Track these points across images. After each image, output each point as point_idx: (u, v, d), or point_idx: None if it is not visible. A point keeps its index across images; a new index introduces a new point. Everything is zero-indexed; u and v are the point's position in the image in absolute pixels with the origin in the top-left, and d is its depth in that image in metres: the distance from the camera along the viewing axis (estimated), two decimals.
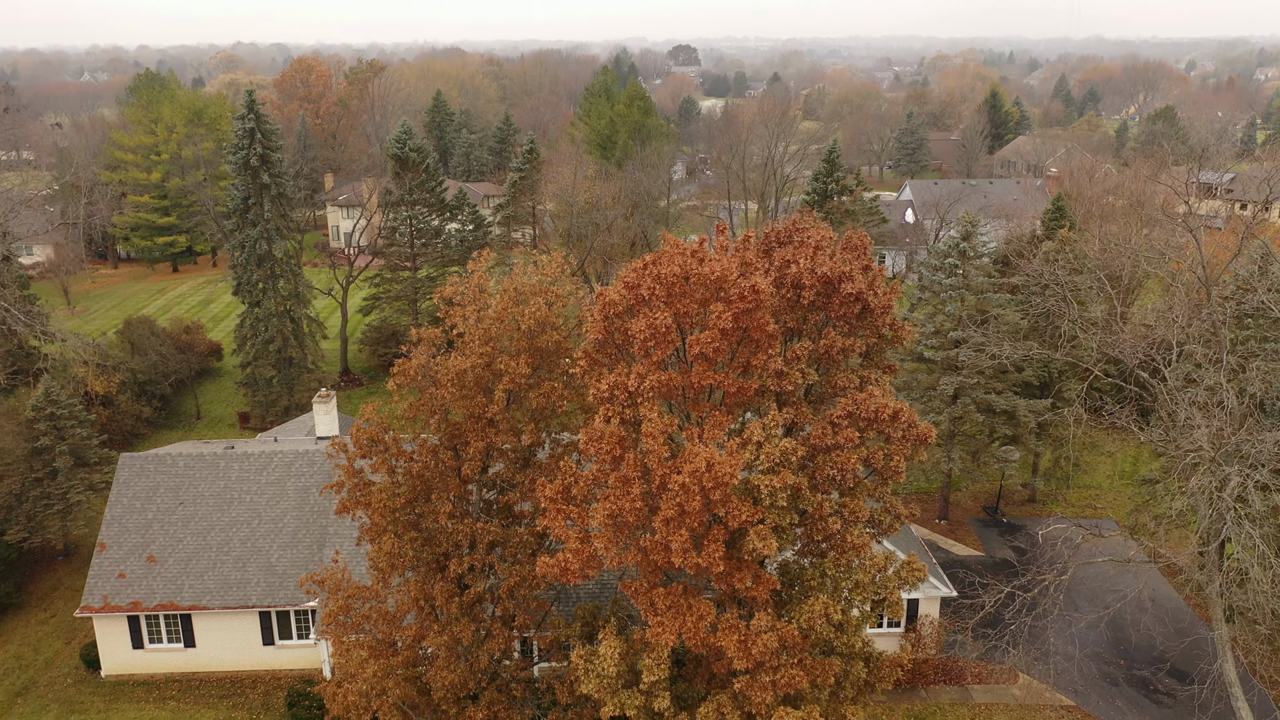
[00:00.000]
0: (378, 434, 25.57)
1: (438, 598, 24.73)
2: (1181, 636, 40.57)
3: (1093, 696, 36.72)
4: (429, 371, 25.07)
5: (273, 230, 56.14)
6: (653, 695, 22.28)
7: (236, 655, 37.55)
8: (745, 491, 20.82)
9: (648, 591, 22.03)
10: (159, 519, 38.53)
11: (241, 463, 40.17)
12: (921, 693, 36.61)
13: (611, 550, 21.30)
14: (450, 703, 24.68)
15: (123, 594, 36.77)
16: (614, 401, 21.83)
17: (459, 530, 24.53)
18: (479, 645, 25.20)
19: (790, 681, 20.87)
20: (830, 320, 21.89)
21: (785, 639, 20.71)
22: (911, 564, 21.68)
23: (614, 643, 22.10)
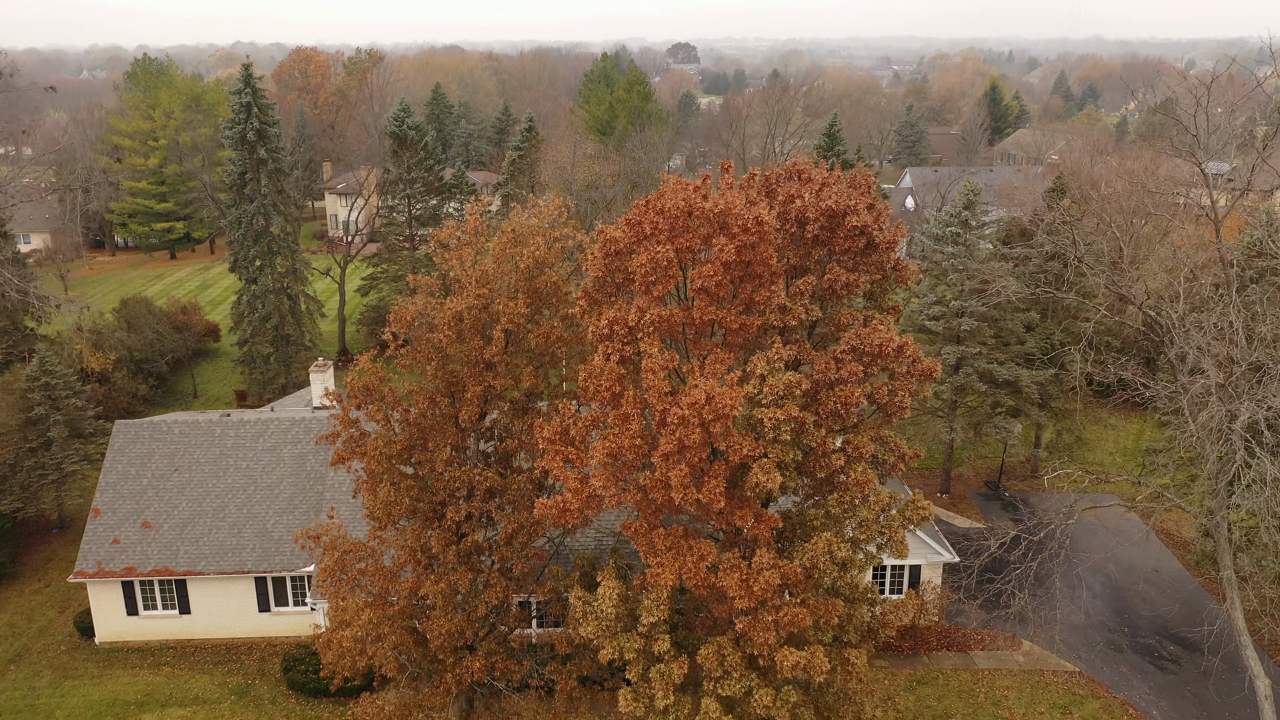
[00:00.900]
0: (373, 383, 25.19)
1: (434, 546, 24.35)
2: (1186, 606, 40.22)
3: (1097, 662, 36.37)
4: (426, 317, 24.71)
5: (270, 206, 55.76)
6: (652, 638, 21.90)
7: (232, 622, 37.16)
8: (748, 426, 20.47)
9: (647, 533, 21.67)
10: (154, 485, 38.14)
11: (237, 429, 39.80)
12: (924, 658, 36.25)
13: (610, 489, 20.93)
14: (447, 652, 24.30)
15: (117, 559, 36.39)
16: (613, 338, 21.47)
17: (456, 478, 24.16)
18: (477, 595, 24.83)
19: (793, 620, 20.49)
20: (834, 255, 21.53)
21: (788, 577, 20.33)
22: (916, 502, 21.32)
23: (612, 584, 21.72)
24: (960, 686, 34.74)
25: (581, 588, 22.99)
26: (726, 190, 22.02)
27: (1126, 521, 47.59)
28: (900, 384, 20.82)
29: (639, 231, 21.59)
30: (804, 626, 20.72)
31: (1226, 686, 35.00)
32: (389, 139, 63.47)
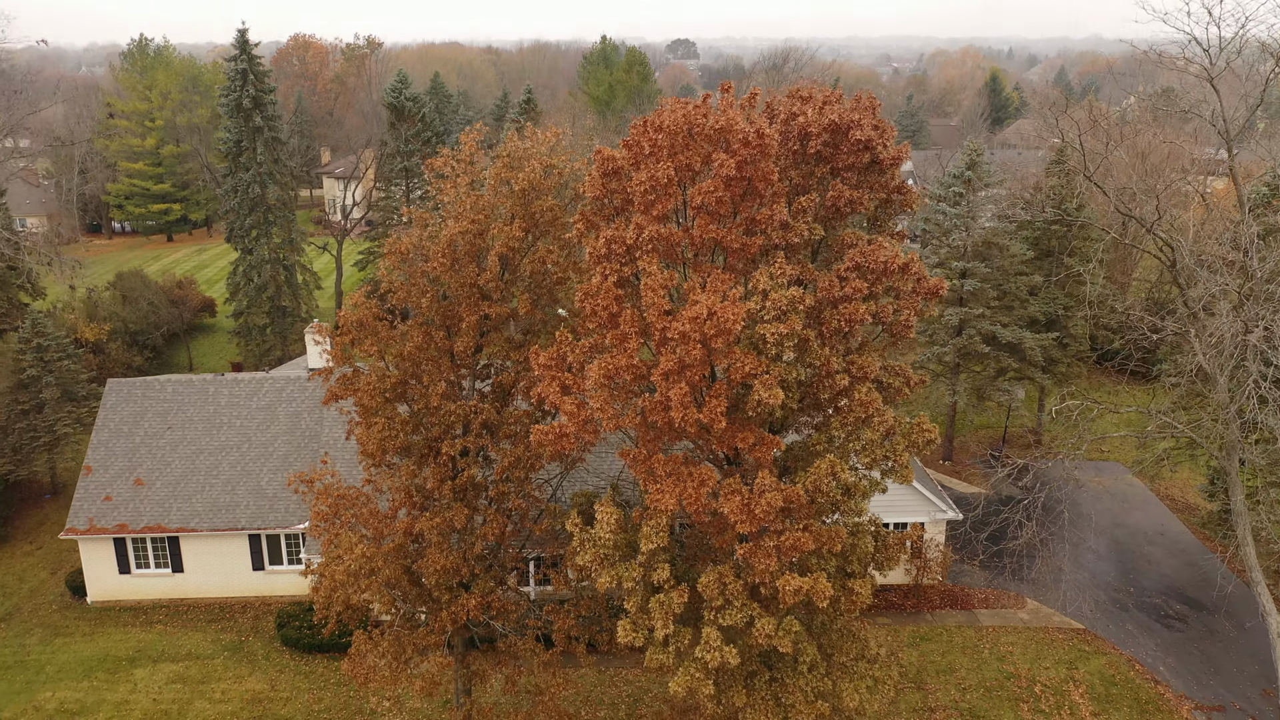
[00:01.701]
0: (367, 317, 24.66)
1: (429, 481, 23.84)
2: (1192, 568, 39.75)
3: (1102, 620, 35.88)
4: (421, 250, 24.20)
5: (266, 175, 55.23)
6: (651, 567, 21.37)
7: (225, 581, 36.66)
8: (749, 345, 19.96)
9: (646, 459, 21.13)
10: (146, 443, 37.64)
11: (231, 388, 39.30)
12: (927, 616, 35.77)
13: (608, 411, 20.39)
14: (442, 590, 23.79)
15: (109, 516, 35.87)
16: (611, 258, 20.94)
17: (452, 411, 23.63)
18: (473, 532, 24.33)
19: (796, 545, 19.96)
20: (837, 172, 21.02)
21: (790, 500, 19.80)
22: (921, 424, 20.81)
23: (610, 509, 21.20)
24: (964, 642, 34.25)
25: (580, 524, 22.46)
26: (727, 109, 21.49)
27: (1131, 487, 47.16)
28: (906, 303, 20.32)
29: (638, 151, 21.06)
30: (807, 552, 20.20)
31: (1234, 645, 34.52)
32: (386, 110, 62.92)
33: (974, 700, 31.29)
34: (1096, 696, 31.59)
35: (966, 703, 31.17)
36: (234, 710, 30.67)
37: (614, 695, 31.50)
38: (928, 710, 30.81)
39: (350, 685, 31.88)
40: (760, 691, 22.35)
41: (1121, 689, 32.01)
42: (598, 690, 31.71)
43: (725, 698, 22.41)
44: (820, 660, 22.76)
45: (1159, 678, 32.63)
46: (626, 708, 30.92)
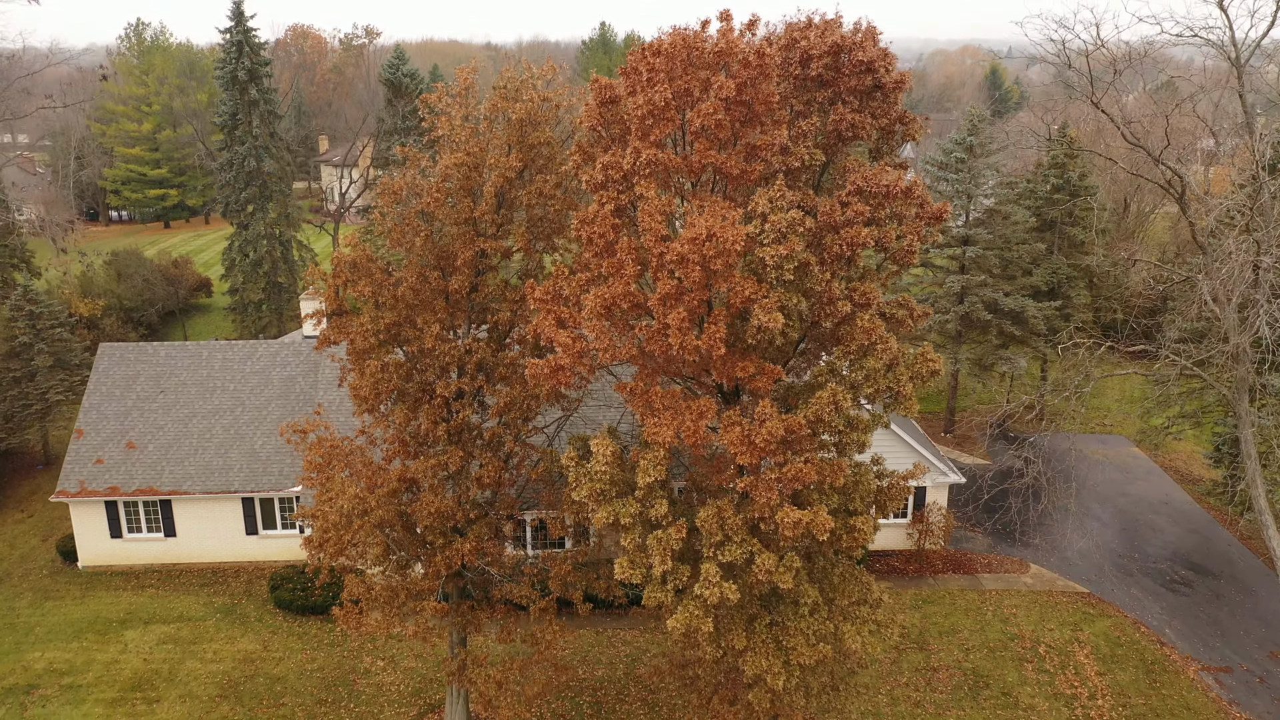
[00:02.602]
0: (360, 259, 24.20)
1: (424, 422, 23.36)
2: (1197, 535, 39.30)
3: (1107, 585, 35.42)
4: (414, 188, 23.73)
5: (261, 148, 54.76)
6: (649, 503, 20.90)
7: (218, 545, 36.17)
8: (749, 269, 19.49)
9: (644, 393, 20.67)
10: (139, 406, 37.16)
11: (225, 352, 38.83)
12: (929, 580, 35.29)
13: (604, 341, 19.92)
14: (436, 534, 23.31)
15: (100, 479, 35.38)
16: (608, 186, 20.46)
17: (446, 352, 23.15)
18: (468, 476, 23.85)
19: (797, 476, 19.47)
20: (839, 96, 20.57)
21: (791, 429, 19.32)
22: (925, 354, 20.34)
23: (606, 442, 20.72)
24: (967, 605, 33.78)
25: (576, 454, 21.98)
26: (727, 34, 21.03)
27: (1134, 459, 46.73)
28: (909, 228, 19.84)
29: (636, 78, 20.59)
30: (808, 484, 19.73)
31: (1240, 609, 34.06)
32: (384, 86, 62.47)
33: (977, 660, 30.82)
34: (1102, 657, 31.12)
35: (970, 662, 30.70)
36: (226, 670, 30.19)
37: (612, 655, 31.02)
38: (930, 670, 30.34)
39: (344, 645, 31.42)
40: (760, 635, 21.87)
41: (1127, 650, 31.54)
42: (596, 650, 31.24)
43: (725, 640, 21.95)
44: (822, 603, 22.30)
45: (1165, 640, 32.17)
46: (625, 666, 30.44)
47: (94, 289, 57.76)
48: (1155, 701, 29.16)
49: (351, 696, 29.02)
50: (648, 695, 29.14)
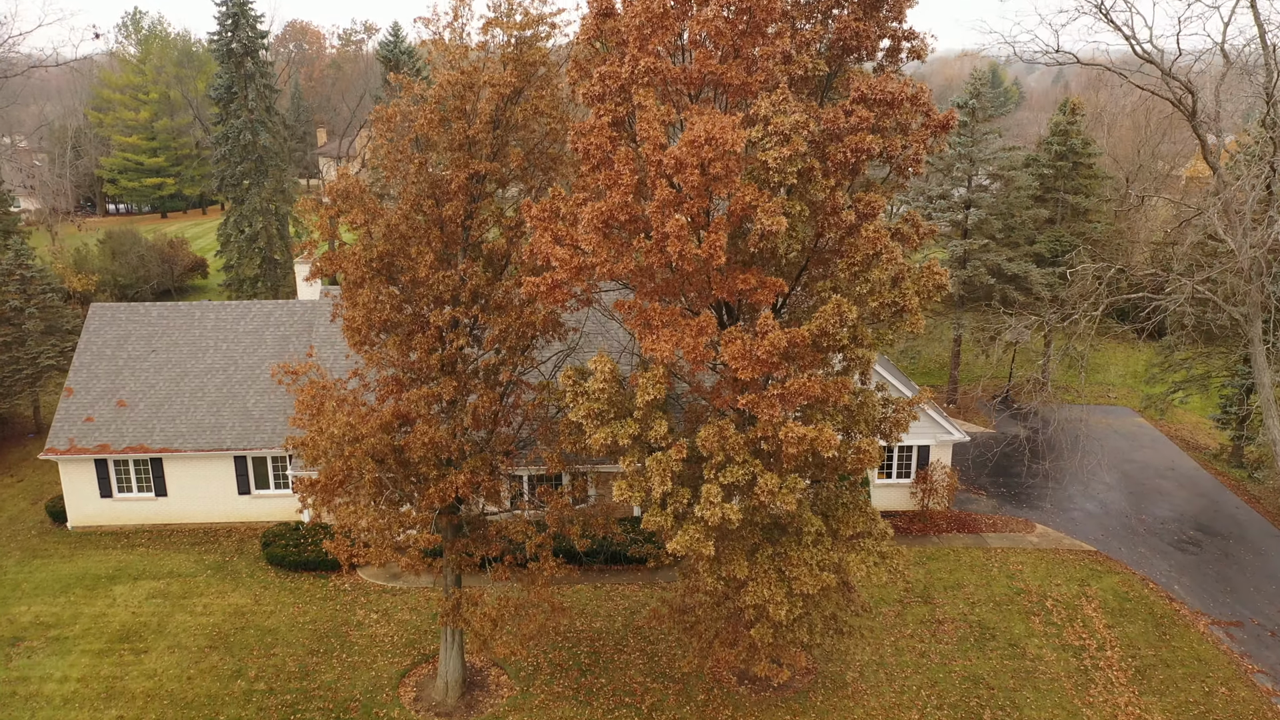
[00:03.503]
0: (353, 188, 23.69)
1: (417, 350, 22.80)
2: (1205, 499, 38.72)
3: (1114, 544, 34.83)
4: (408, 116, 23.23)
5: (257, 121, 54.30)
6: (648, 423, 20.36)
7: (210, 506, 35.56)
8: (750, 176, 18.99)
9: (642, 310, 20.14)
10: (130, 365, 36.59)
11: (218, 312, 38.29)
12: (933, 539, 34.69)
13: (602, 254, 19.41)
14: (430, 465, 22.73)
15: (90, 437, 34.81)
16: (605, 99, 19.98)
17: (441, 280, 22.60)
18: (463, 408, 23.28)
19: (801, 391, 18.93)
20: (843, 4, 20.12)
21: (795, 341, 18.79)
22: (931, 268, 19.81)
23: (604, 359, 20.19)
24: (972, 562, 33.19)
25: (574, 374, 21.43)
26: None
27: (1139, 429, 46.19)
28: (915, 137, 19.33)
29: None
30: (813, 398, 19.17)
31: (1250, 567, 33.48)
32: (380, 64, 62.03)
33: (983, 613, 30.21)
34: (1110, 610, 30.53)
35: (975, 615, 30.09)
36: (216, 622, 29.56)
37: (610, 608, 30.41)
38: (935, 622, 29.73)
39: (338, 599, 30.80)
40: (762, 565, 21.31)
41: (1136, 604, 30.94)
42: (594, 604, 30.63)
43: (726, 570, 21.38)
44: (826, 533, 21.74)
45: (1173, 596, 31.57)
46: (624, 619, 29.83)
47: (88, 266, 57.26)
48: (1165, 653, 28.55)
49: (344, 647, 28.40)
50: (646, 646, 28.52)
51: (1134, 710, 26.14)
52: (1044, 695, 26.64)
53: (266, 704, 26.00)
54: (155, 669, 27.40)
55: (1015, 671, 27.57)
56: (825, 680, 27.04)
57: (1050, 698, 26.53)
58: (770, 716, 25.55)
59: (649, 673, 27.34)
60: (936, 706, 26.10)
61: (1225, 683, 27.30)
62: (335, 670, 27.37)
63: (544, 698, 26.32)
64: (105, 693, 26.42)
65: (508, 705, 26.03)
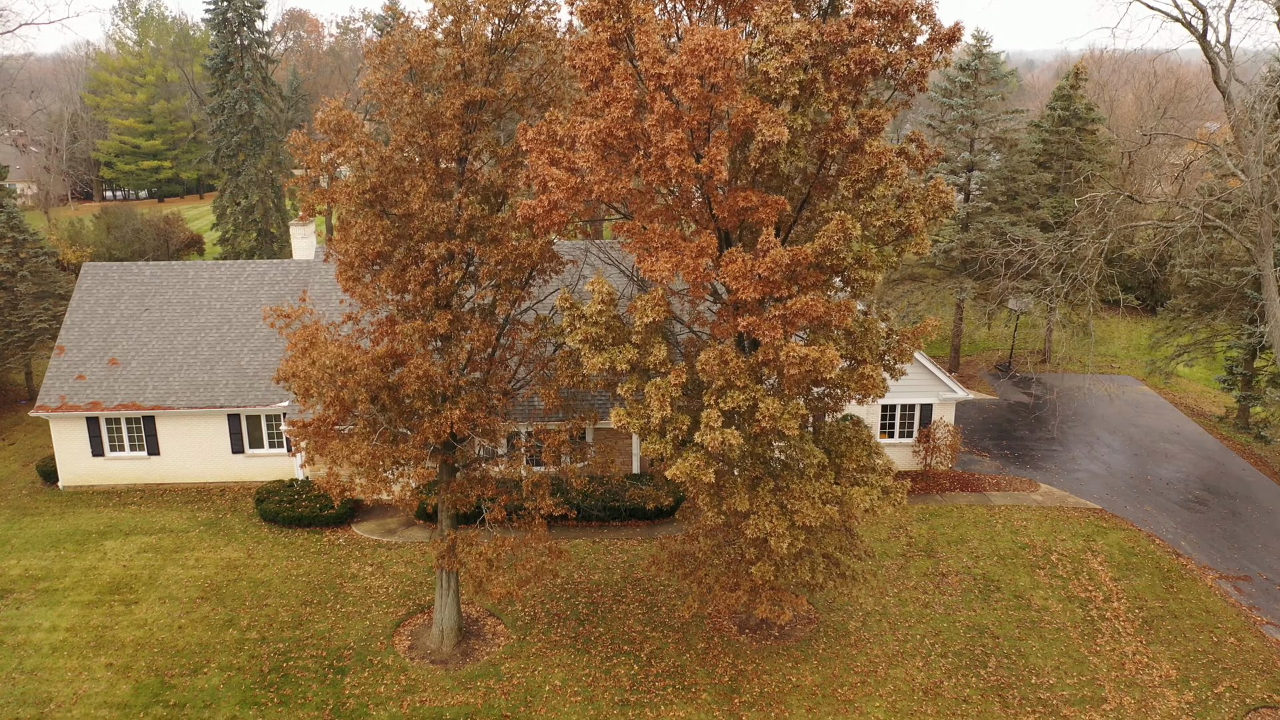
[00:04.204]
0: (345, 120, 23.21)
1: (411, 284, 22.32)
2: (1211, 461, 38.26)
3: (1119, 502, 34.36)
4: (401, 47, 22.76)
5: (254, 92, 53.81)
6: (646, 349, 19.90)
7: (203, 465, 35.09)
8: (750, 89, 18.52)
9: (641, 232, 19.69)
10: (122, 324, 36.12)
11: (211, 272, 37.82)
12: (936, 497, 34.22)
13: (599, 172, 18.96)
14: (424, 400, 22.26)
15: (81, 394, 34.33)
16: (604, 15, 19.51)
17: (436, 212, 22.13)
18: (458, 344, 22.81)
19: (804, 310, 18.46)
20: None
21: (798, 258, 18.33)
22: (937, 186, 19.35)
23: (602, 281, 19.72)
24: (975, 518, 32.73)
25: (570, 297, 20.92)
26: None
27: (1144, 396, 45.72)
28: (920, 51, 18.87)
29: None
30: (816, 318, 18.71)
31: (1258, 525, 33.02)
32: (377, 38, 61.48)
33: (987, 567, 29.75)
34: (1116, 564, 30.07)
35: (979, 569, 29.63)
36: (208, 575, 29.10)
37: (609, 561, 29.95)
38: (939, 575, 29.27)
39: (332, 553, 30.34)
40: (764, 498, 20.83)
41: (1142, 559, 30.49)
42: (592, 557, 30.16)
43: (728, 503, 20.92)
44: (829, 465, 21.29)
45: (1180, 551, 31.11)
46: (622, 571, 29.37)
47: (82, 240, 56.79)
48: (1173, 605, 28.10)
49: (338, 598, 27.93)
50: (645, 597, 28.06)
51: (1142, 659, 25.69)
52: (1050, 644, 26.18)
53: (259, 652, 25.53)
54: (145, 619, 26.93)
55: (1020, 622, 27.12)
56: (827, 629, 26.58)
57: (1056, 646, 26.07)
58: (772, 664, 25.09)
59: (648, 622, 26.87)
60: (941, 654, 25.64)
61: (1234, 633, 26.85)
62: (329, 620, 26.91)
63: (541, 645, 25.86)
64: (94, 641, 25.95)
65: (504, 653, 25.57)
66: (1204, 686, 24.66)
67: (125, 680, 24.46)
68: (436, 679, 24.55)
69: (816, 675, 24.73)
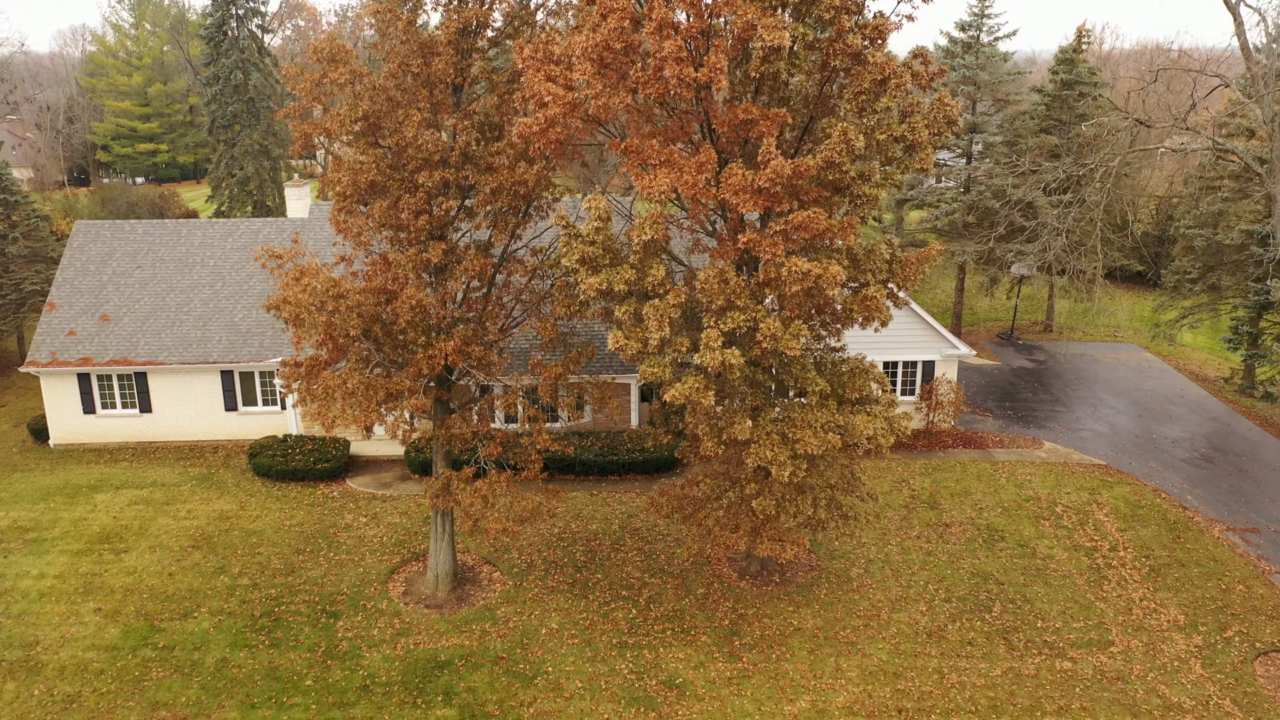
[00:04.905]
0: (338, 49, 22.79)
1: (404, 213, 21.85)
2: (1216, 422, 37.82)
3: (1124, 459, 33.91)
4: None
5: (249, 60, 53.32)
6: (644, 269, 19.43)
7: (196, 423, 34.61)
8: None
9: (639, 149, 19.23)
10: (114, 281, 35.64)
11: (205, 230, 37.35)
12: (939, 453, 33.76)
13: (596, 88, 18.51)
14: (418, 331, 21.79)
15: (73, 350, 33.85)
16: None
17: (430, 141, 21.68)
18: (452, 275, 22.34)
19: (806, 224, 18.01)
20: None
21: (800, 170, 17.88)
22: (942, 100, 18.90)
23: (598, 198, 19.26)
24: (979, 473, 32.28)
25: (566, 216, 20.44)
26: None
27: (1148, 363, 45.28)
28: None
29: None
30: (817, 232, 18.26)
31: (1265, 481, 32.59)
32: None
33: (991, 518, 29.30)
34: (1122, 516, 29.63)
35: (983, 519, 29.18)
36: (200, 525, 28.63)
37: (607, 513, 29.49)
38: (943, 525, 28.82)
39: (325, 505, 29.88)
40: (765, 427, 20.38)
41: (1148, 511, 30.04)
42: (590, 509, 29.71)
43: (728, 432, 20.47)
44: (831, 394, 20.84)
45: (1186, 505, 30.67)
46: (620, 521, 28.92)
47: (76, 212, 56.30)
48: (1180, 554, 27.66)
49: (331, 547, 27.47)
50: (644, 545, 27.61)
51: (1149, 604, 25.25)
52: (1056, 590, 25.74)
53: (250, 597, 25.07)
54: (135, 566, 26.46)
55: (1025, 569, 26.68)
56: (829, 576, 26.14)
57: (1062, 592, 25.63)
58: (773, 608, 24.65)
59: (646, 569, 26.43)
60: (944, 600, 25.19)
61: (1243, 581, 26.42)
62: (322, 567, 26.45)
63: (538, 591, 25.41)
64: (83, 588, 25.50)
65: (500, 598, 25.12)
66: (1212, 631, 24.22)
67: (114, 624, 24.00)
68: (431, 622, 24.10)
69: (818, 619, 24.28)
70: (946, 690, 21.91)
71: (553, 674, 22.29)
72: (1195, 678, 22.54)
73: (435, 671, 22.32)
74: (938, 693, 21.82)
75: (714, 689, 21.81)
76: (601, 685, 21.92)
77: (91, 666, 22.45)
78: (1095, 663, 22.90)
